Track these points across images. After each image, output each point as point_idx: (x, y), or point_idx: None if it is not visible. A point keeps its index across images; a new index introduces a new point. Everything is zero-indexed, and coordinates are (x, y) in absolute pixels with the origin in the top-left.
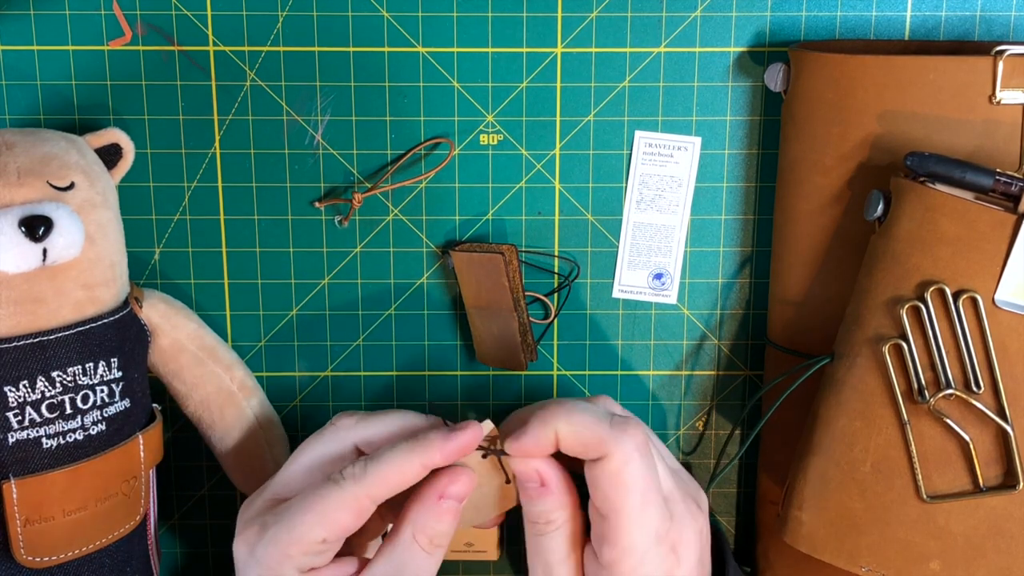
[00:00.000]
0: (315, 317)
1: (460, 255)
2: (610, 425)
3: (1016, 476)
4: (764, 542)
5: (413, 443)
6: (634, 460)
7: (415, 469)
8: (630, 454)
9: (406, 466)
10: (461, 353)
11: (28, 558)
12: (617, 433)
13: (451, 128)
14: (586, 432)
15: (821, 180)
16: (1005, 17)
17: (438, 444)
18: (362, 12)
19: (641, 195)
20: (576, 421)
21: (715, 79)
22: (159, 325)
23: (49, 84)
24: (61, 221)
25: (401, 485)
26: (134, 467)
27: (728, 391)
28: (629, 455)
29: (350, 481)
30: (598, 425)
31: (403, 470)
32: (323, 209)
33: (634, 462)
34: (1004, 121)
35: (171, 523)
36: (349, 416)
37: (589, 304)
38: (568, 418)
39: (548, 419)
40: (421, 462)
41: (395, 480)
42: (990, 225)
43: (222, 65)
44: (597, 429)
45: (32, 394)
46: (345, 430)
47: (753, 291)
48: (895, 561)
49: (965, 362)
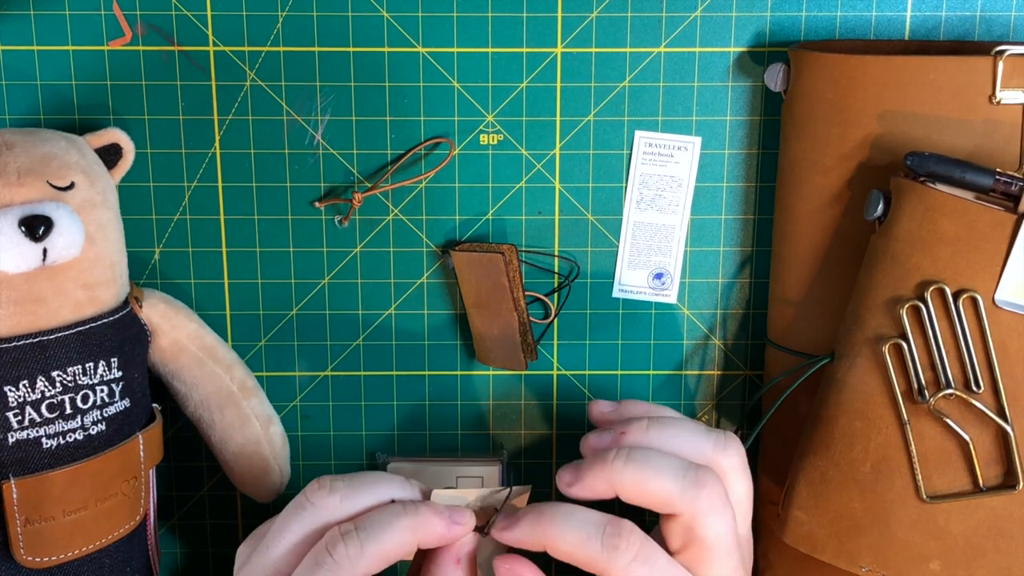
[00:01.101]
0: (315, 317)
1: (460, 255)
2: (601, 538)
3: (1016, 476)
4: (764, 542)
5: (412, 521)
6: (633, 573)
7: (411, 547)
8: (627, 568)
9: (404, 544)
10: (461, 353)
11: (28, 558)
12: (609, 549)
13: (451, 128)
14: (576, 551)
15: (821, 180)
16: (1005, 17)
17: (439, 530)
18: (362, 12)
19: (641, 195)
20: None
21: (715, 79)
22: (159, 325)
23: (49, 84)
24: (61, 221)
25: (394, 561)
26: (134, 467)
27: (728, 391)
28: (626, 570)
29: (346, 565)
30: (588, 543)
31: (400, 548)
32: (323, 209)
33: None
34: (1004, 121)
35: (171, 523)
36: (328, 493)
37: (589, 304)
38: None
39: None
40: (419, 542)
41: (393, 557)
42: (990, 225)
43: (222, 65)
44: (587, 548)
45: (32, 394)
46: (327, 511)
47: (753, 291)
48: (895, 561)
49: (965, 362)
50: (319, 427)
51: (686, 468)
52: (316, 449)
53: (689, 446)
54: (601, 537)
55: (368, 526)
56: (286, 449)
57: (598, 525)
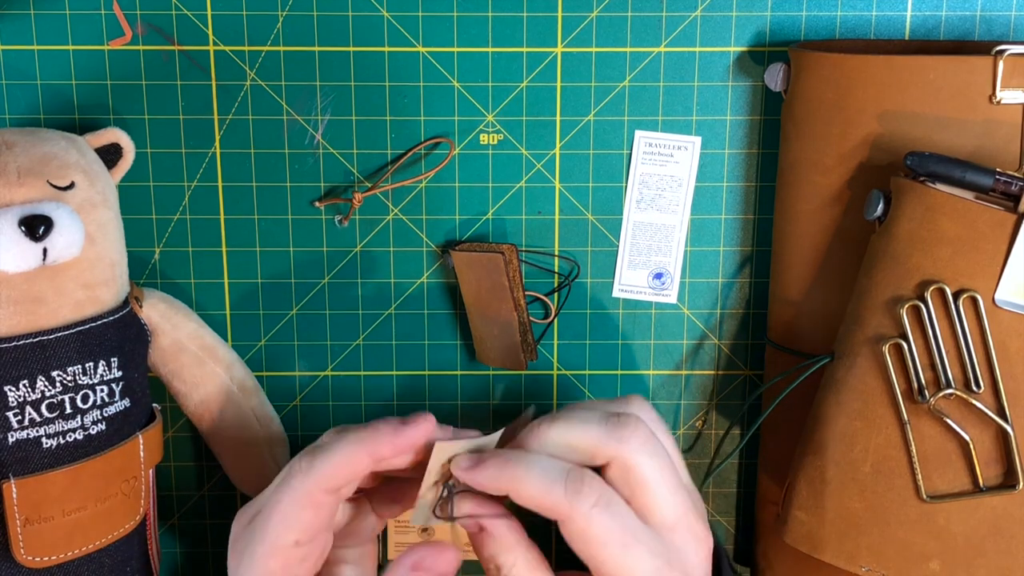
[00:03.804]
0: (315, 317)
1: (460, 255)
2: (564, 483)
3: (1016, 476)
4: (764, 542)
5: (361, 433)
6: (595, 518)
7: (364, 460)
8: (589, 514)
9: (354, 457)
10: (461, 353)
11: (28, 558)
12: (571, 494)
13: (451, 128)
14: (539, 497)
15: (821, 180)
16: (1005, 17)
17: (387, 436)
18: (362, 12)
19: (641, 195)
20: (530, 482)
21: (715, 79)
22: (159, 325)
23: (49, 84)
24: (61, 221)
25: (352, 476)
26: (134, 467)
27: (728, 391)
28: (588, 515)
29: (298, 477)
30: (551, 488)
31: (351, 461)
32: (323, 209)
33: (595, 520)
34: (1004, 121)
35: (171, 523)
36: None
37: (589, 304)
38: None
39: (504, 469)
40: (368, 453)
41: (344, 472)
42: (990, 225)
43: (222, 65)
44: (551, 494)
45: (32, 394)
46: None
47: (753, 291)
48: (895, 561)
49: (965, 362)
50: (319, 427)
51: (607, 414)
52: None
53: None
54: (564, 482)
55: (324, 444)
56: (286, 449)
57: (561, 471)
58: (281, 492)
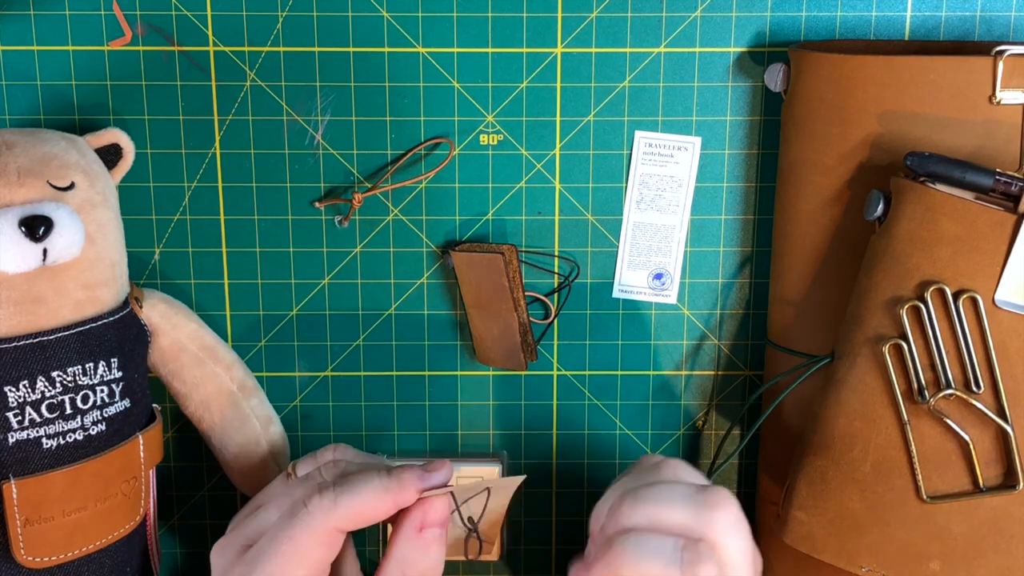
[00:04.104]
0: (315, 317)
1: (460, 255)
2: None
3: (1016, 476)
4: (764, 542)
5: (388, 480)
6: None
7: (387, 507)
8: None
9: (379, 504)
10: (461, 353)
11: (28, 558)
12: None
13: (451, 128)
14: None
15: (821, 180)
16: (1005, 17)
17: (413, 484)
18: (362, 12)
19: (641, 195)
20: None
21: (715, 79)
22: (159, 325)
23: (49, 84)
24: (61, 221)
25: (371, 520)
26: (134, 467)
27: (728, 391)
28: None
29: (319, 513)
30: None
31: (375, 507)
32: (323, 209)
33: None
34: (1004, 121)
35: (171, 523)
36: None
37: (589, 304)
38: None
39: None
40: (394, 501)
41: (366, 515)
42: (990, 225)
43: (222, 65)
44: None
45: (32, 394)
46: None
47: (753, 291)
48: (895, 561)
49: (965, 362)
50: (319, 427)
51: (695, 491)
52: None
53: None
54: (680, 565)
55: (346, 482)
56: (286, 449)
57: (675, 549)
58: (297, 527)
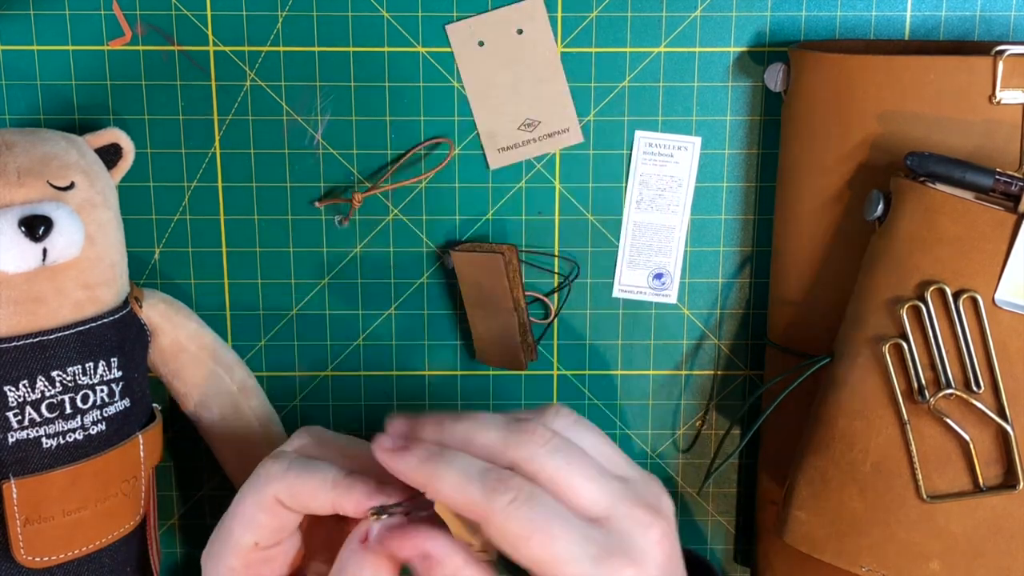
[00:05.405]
0: (315, 317)
1: (460, 255)
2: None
3: (1016, 476)
4: (764, 542)
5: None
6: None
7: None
8: (506, 510)
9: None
10: (461, 353)
11: (28, 558)
12: (488, 491)
13: (451, 128)
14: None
15: (821, 180)
16: (1005, 17)
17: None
18: (362, 12)
19: (641, 195)
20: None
21: (715, 79)
22: (159, 325)
23: (49, 84)
24: (61, 221)
25: (310, 506)
26: (134, 467)
27: (728, 391)
28: (505, 511)
29: (265, 480)
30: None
31: (315, 495)
32: (323, 209)
33: (513, 515)
34: (1004, 121)
35: (171, 523)
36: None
37: (589, 304)
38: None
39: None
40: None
41: (305, 498)
42: (990, 225)
43: (222, 65)
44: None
45: (32, 394)
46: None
47: (753, 291)
48: (895, 561)
49: (965, 362)
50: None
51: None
52: None
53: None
54: (481, 480)
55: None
56: None
57: (480, 469)
58: (246, 491)
